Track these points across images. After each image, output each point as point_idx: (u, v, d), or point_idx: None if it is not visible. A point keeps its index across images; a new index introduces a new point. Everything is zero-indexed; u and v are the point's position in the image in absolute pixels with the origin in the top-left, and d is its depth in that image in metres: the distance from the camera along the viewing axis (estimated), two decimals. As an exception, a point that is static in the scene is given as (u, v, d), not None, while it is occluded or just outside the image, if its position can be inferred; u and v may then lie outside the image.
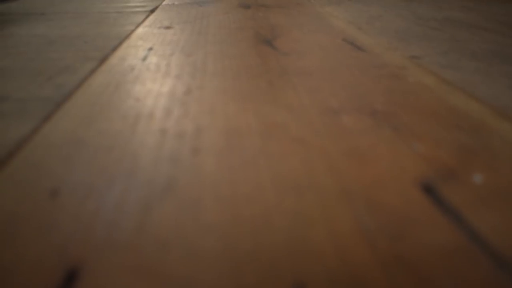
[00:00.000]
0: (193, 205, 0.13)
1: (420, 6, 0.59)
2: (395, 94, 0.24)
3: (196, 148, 0.17)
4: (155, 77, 0.27)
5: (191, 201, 0.14)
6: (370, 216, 0.13)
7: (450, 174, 0.15)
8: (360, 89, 0.24)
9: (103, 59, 0.31)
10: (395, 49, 0.34)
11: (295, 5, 0.57)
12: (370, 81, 0.26)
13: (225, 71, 0.27)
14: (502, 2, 0.62)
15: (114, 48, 0.35)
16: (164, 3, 0.62)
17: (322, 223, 0.12)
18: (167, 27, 0.43)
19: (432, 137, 0.18)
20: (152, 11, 0.54)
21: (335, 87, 0.24)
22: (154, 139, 0.18)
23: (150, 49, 0.34)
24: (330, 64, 0.29)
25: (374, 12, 0.53)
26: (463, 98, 0.23)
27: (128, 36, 0.39)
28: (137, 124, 0.20)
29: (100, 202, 0.14)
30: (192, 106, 0.22)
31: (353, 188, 0.14)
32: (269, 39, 0.36)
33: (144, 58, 0.31)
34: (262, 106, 0.21)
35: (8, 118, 0.21)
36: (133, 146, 0.18)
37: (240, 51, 0.32)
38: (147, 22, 0.46)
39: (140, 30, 0.42)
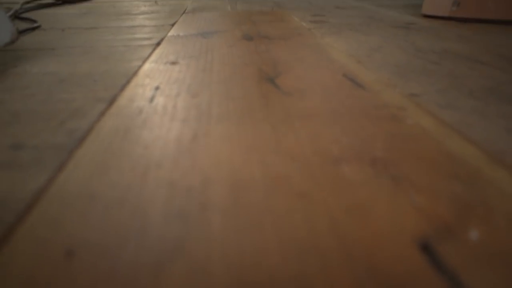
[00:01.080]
0: (201, 267, 0.14)
1: (419, 35, 0.60)
2: (394, 139, 0.24)
3: (203, 203, 0.18)
4: (162, 121, 0.28)
5: (200, 263, 0.14)
6: (370, 279, 0.13)
7: (447, 231, 0.16)
8: (360, 134, 0.25)
9: (112, 100, 0.32)
10: (394, 86, 0.35)
11: (296, 36, 0.59)
12: (370, 124, 0.27)
13: (230, 115, 0.28)
14: (500, 31, 0.63)
15: (123, 87, 0.36)
16: (169, 34, 0.64)
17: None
18: (173, 63, 0.44)
19: (430, 189, 0.19)
20: (158, 43, 0.56)
21: (336, 132, 0.25)
22: (163, 193, 0.19)
23: (157, 88, 0.35)
24: (331, 105, 0.30)
25: (374, 43, 0.54)
26: (460, 142, 0.24)
27: (135, 73, 0.41)
28: (147, 176, 0.20)
29: (114, 261, 0.15)
30: (198, 155, 0.23)
31: (354, 249, 0.15)
32: (272, 77, 0.38)
33: (151, 99, 0.32)
34: (266, 156, 0.22)
35: (25, 168, 0.22)
36: (143, 200, 0.18)
37: (244, 91, 0.33)
38: (153, 57, 0.48)
39: (146, 66, 0.43)
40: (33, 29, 0.71)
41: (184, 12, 0.94)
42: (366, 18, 0.79)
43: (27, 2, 1.21)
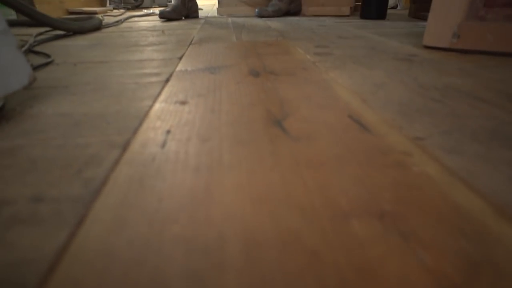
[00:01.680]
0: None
1: (421, 69, 0.61)
2: (401, 189, 0.25)
3: (219, 263, 0.19)
4: (175, 169, 0.29)
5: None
6: None
7: (456, 295, 0.17)
8: (367, 184, 0.26)
9: (125, 146, 0.33)
10: (399, 128, 0.36)
11: (301, 71, 0.60)
12: (376, 173, 0.27)
13: (241, 163, 0.29)
14: (499, 64, 0.64)
15: (135, 131, 0.37)
16: (177, 68, 0.66)
17: None
18: (182, 102, 0.46)
19: (437, 246, 0.20)
20: (167, 80, 0.58)
21: (343, 182, 0.26)
22: (180, 252, 0.20)
23: (168, 132, 0.36)
24: (338, 152, 0.31)
25: (377, 78, 0.56)
26: (466, 193, 0.25)
27: (146, 114, 0.42)
28: (163, 232, 0.21)
29: (134, 328, 0.15)
30: (212, 208, 0.23)
31: (366, 317, 0.15)
32: (279, 119, 0.39)
33: (163, 145, 0.33)
34: (276, 209, 0.23)
35: (46, 223, 0.23)
36: (161, 260, 0.19)
37: (253, 135, 0.34)
38: (163, 95, 0.49)
39: (157, 106, 0.45)
40: (47, 64, 0.74)
41: (190, 43, 0.97)
42: (369, 49, 0.81)
43: (40, 34, 1.25)
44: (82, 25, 1.27)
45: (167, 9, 1.69)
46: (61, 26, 1.20)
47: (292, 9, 1.68)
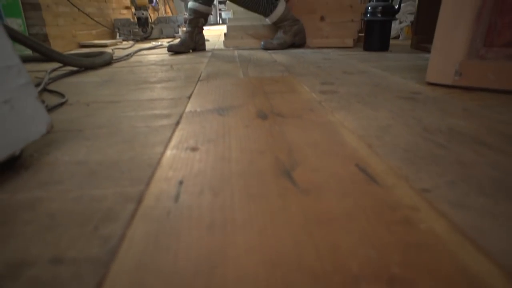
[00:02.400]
0: None
1: (425, 109, 0.63)
2: (409, 249, 0.26)
3: (235, 338, 0.19)
4: (190, 226, 0.30)
5: None
6: None
7: None
8: (376, 244, 0.26)
9: (140, 199, 0.35)
10: (405, 178, 0.37)
11: (308, 112, 0.62)
12: (385, 230, 0.28)
13: (252, 220, 0.30)
14: (501, 103, 0.66)
15: (148, 181, 0.38)
16: (187, 109, 0.68)
17: None
18: (193, 149, 0.47)
19: (448, 317, 0.20)
20: (178, 123, 0.60)
21: (353, 242, 0.27)
22: (196, 323, 0.20)
23: (181, 183, 0.38)
24: (347, 206, 0.32)
25: (382, 120, 0.57)
26: (474, 254, 0.25)
27: (159, 161, 0.44)
28: (180, 299, 0.22)
29: None
30: (226, 272, 0.24)
31: None
32: (288, 169, 0.40)
33: (177, 198, 0.34)
34: (289, 273, 0.24)
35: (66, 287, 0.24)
36: (178, 332, 0.20)
37: (263, 189, 0.36)
38: (174, 140, 0.51)
39: (168, 153, 0.46)
40: (61, 104, 0.76)
41: (199, 80, 1.00)
42: (373, 87, 0.83)
43: (54, 70, 1.30)
44: (94, 61, 1.32)
45: (175, 42, 1.75)
46: (74, 63, 1.24)
47: (297, 42, 1.73)
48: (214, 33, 3.62)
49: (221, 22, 7.79)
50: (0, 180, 0.41)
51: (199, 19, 1.76)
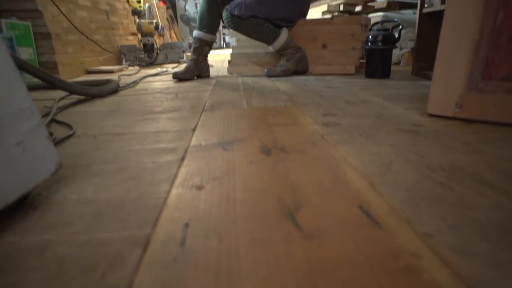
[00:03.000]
0: None
1: (427, 143, 0.64)
2: (413, 303, 0.26)
3: None
4: (196, 275, 0.30)
5: None
6: None
7: None
8: (380, 296, 0.27)
9: (147, 243, 0.35)
10: (408, 221, 0.37)
11: (310, 147, 0.63)
12: (389, 280, 0.28)
13: (257, 268, 0.31)
14: (501, 137, 0.66)
15: (155, 223, 0.39)
16: (192, 143, 0.69)
17: None
18: (198, 187, 0.48)
19: None
20: (183, 158, 0.61)
21: (357, 294, 0.27)
22: None
23: (187, 225, 0.38)
24: (350, 254, 0.32)
25: (384, 156, 0.58)
26: (477, 308, 0.25)
27: (165, 202, 0.44)
28: None
29: None
30: (232, 328, 0.24)
31: None
32: (292, 210, 0.40)
33: (183, 242, 0.35)
34: (294, 330, 0.24)
35: None
36: None
37: (268, 233, 0.36)
38: (179, 178, 0.52)
39: (174, 192, 0.47)
40: (69, 137, 0.78)
41: (203, 110, 1.02)
42: (375, 118, 0.84)
43: (62, 98, 1.33)
44: (101, 90, 1.35)
45: (180, 70, 1.79)
46: (82, 92, 1.27)
47: (299, 69, 1.77)
48: (218, 58, 3.69)
49: (225, 46, 7.95)
50: (9, 221, 0.41)
51: (204, 47, 1.80)
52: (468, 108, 0.79)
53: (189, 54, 3.35)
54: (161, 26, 3.67)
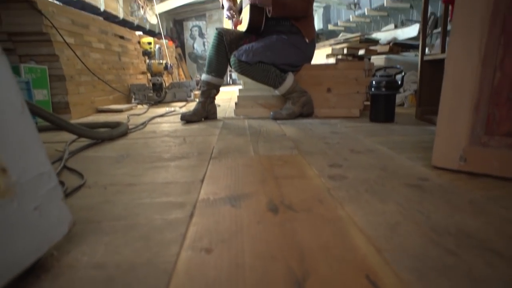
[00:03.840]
0: None
1: (433, 201, 0.64)
2: None
3: None
4: None
5: None
6: None
7: None
8: None
9: (157, 317, 0.36)
10: (416, 296, 0.38)
11: (317, 205, 0.64)
12: None
13: None
14: (508, 194, 0.67)
15: (165, 293, 0.40)
16: (200, 197, 0.70)
17: None
18: (208, 250, 0.49)
19: None
20: (192, 214, 0.62)
21: None
22: None
23: (196, 296, 0.39)
24: (360, 335, 0.32)
25: (391, 216, 0.59)
26: None
27: (174, 266, 0.45)
28: None
29: None
30: None
31: None
32: (299, 280, 0.41)
33: (193, 317, 0.35)
34: None
35: None
36: None
37: (277, 307, 0.36)
38: (188, 239, 0.52)
39: (183, 255, 0.48)
40: (80, 187, 0.80)
41: (211, 157, 1.04)
42: (380, 171, 0.85)
43: (73, 141, 1.36)
44: (111, 133, 1.38)
45: (188, 112, 1.84)
46: (94, 136, 1.31)
47: (305, 112, 1.80)
48: (224, 96, 3.77)
49: (231, 82, 8.14)
50: (20, 285, 0.42)
51: (211, 90, 1.86)
52: (473, 162, 0.80)
53: (196, 92, 3.44)
54: (170, 65, 3.80)
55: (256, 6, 1.72)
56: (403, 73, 1.61)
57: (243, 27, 1.88)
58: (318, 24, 6.67)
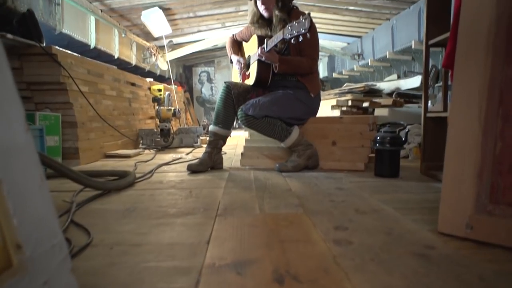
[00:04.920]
0: None
1: (439, 275, 0.64)
2: None
3: None
4: None
5: None
6: None
7: None
8: None
9: None
10: None
11: (323, 275, 0.63)
12: None
13: None
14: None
15: None
16: (206, 262, 0.70)
17: None
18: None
19: None
20: (197, 282, 0.62)
21: None
22: None
23: None
24: None
25: (398, 291, 0.58)
26: None
27: None
28: None
29: None
30: None
31: None
32: None
33: None
34: None
35: None
36: None
37: None
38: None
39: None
40: (86, 246, 0.80)
41: (217, 214, 1.04)
42: (386, 235, 0.85)
43: (81, 190, 1.38)
44: (119, 184, 1.40)
45: (195, 161, 1.87)
46: (101, 187, 1.33)
47: (310, 164, 1.82)
48: (230, 142, 3.82)
49: (237, 126, 8.26)
50: None
51: (218, 141, 1.90)
52: (479, 230, 0.79)
53: (203, 138, 3.50)
54: (178, 110, 3.90)
55: (264, 62, 1.80)
56: (407, 129, 1.64)
57: (250, 80, 1.96)
58: (323, 72, 6.89)
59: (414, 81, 3.84)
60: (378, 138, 1.64)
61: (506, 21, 0.78)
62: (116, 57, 4.24)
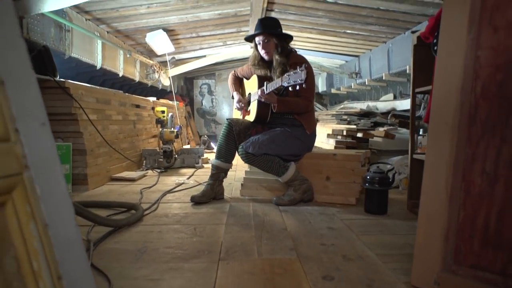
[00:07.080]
0: None
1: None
2: None
3: None
4: None
5: None
6: None
7: None
8: None
9: None
10: None
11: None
12: None
13: None
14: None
15: None
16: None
17: None
18: None
19: None
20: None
21: None
22: None
23: None
24: None
25: None
26: None
27: None
28: None
29: None
30: None
31: None
32: None
33: None
34: None
35: None
36: None
37: None
38: None
39: None
40: (108, 295, 0.93)
41: (219, 258, 1.18)
42: None
43: (94, 225, 1.51)
44: (129, 221, 1.54)
45: (198, 193, 2.00)
46: (115, 224, 1.47)
47: (305, 198, 1.96)
48: (230, 161, 3.95)
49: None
50: None
51: (220, 174, 2.04)
52: (445, 287, 0.93)
53: (203, 158, 3.63)
54: (180, 126, 4.04)
55: (263, 102, 1.95)
56: (394, 171, 1.78)
57: (251, 117, 2.10)
58: (321, 86, 7.02)
59: (409, 103, 3.97)
60: (368, 177, 1.78)
61: (467, 109, 0.92)
62: (120, 75, 4.39)
